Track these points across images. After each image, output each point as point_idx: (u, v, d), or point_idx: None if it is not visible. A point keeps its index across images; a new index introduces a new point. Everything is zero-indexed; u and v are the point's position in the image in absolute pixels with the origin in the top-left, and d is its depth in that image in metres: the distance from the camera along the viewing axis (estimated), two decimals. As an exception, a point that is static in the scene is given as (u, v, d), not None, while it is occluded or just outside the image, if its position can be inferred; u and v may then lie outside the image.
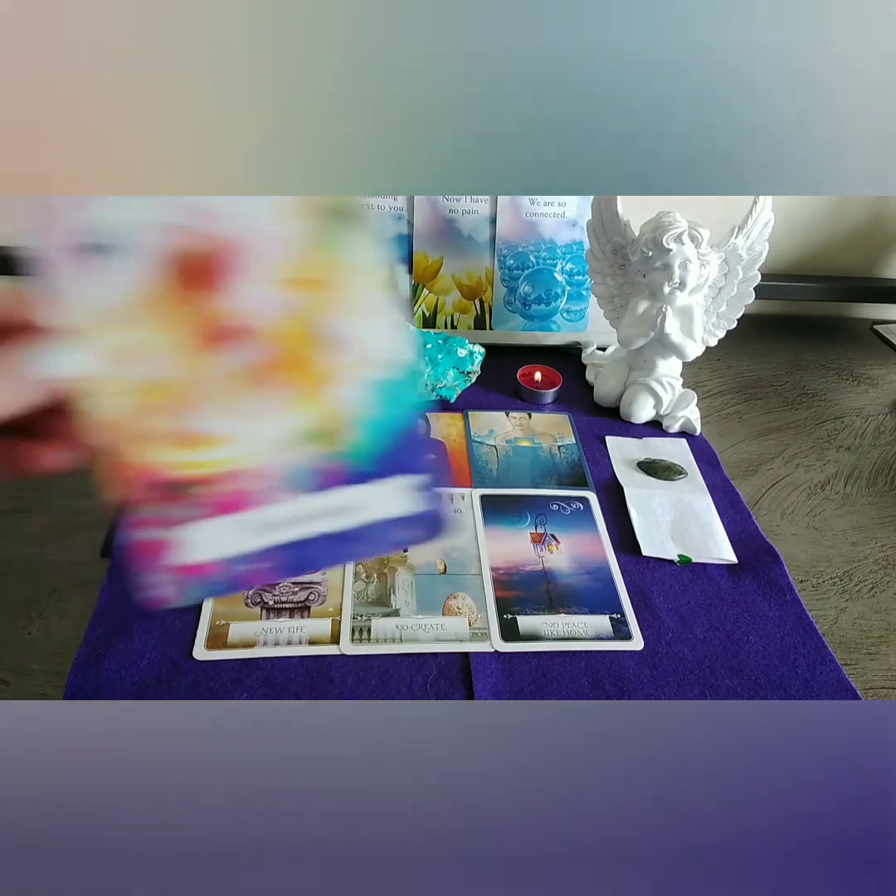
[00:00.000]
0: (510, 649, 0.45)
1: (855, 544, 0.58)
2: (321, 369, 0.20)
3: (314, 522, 0.22)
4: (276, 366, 0.20)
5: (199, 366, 0.19)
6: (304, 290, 0.19)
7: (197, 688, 0.42)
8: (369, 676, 0.43)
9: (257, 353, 0.19)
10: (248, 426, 0.20)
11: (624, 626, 0.48)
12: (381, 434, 0.21)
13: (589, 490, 0.59)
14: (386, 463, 0.22)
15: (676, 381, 0.68)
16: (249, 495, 0.21)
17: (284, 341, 0.20)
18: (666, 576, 0.52)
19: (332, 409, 0.20)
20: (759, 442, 0.70)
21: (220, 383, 0.19)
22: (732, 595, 0.51)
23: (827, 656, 0.47)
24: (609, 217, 0.65)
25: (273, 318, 0.19)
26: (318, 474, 0.21)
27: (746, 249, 0.63)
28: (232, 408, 0.20)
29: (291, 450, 0.21)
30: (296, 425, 0.20)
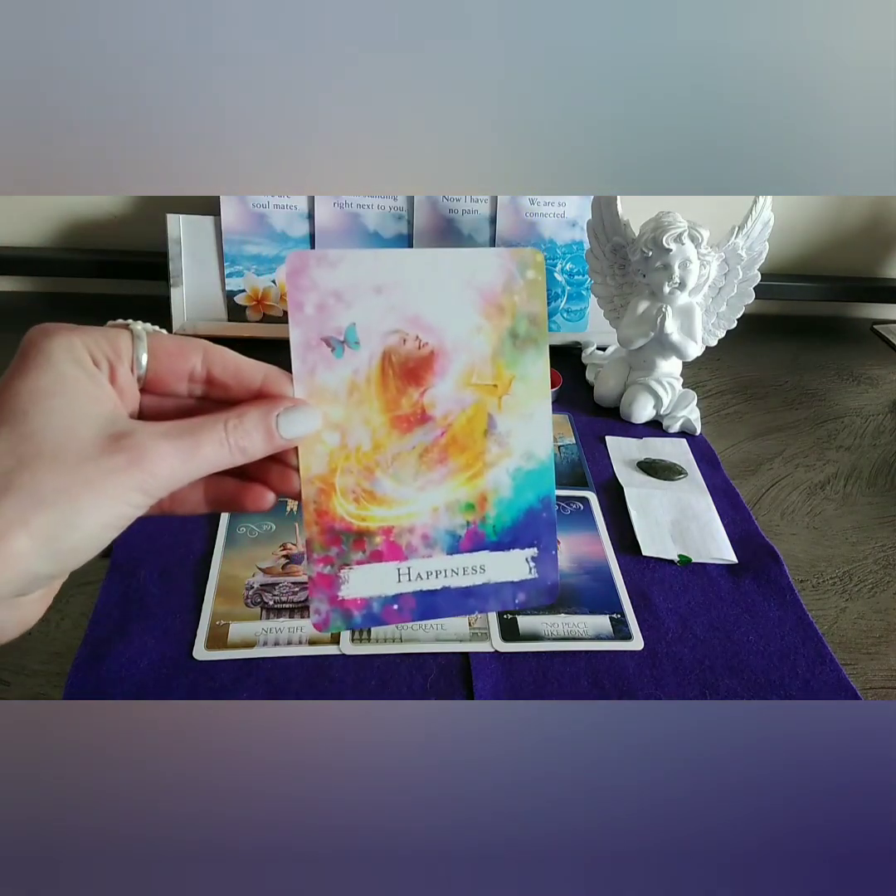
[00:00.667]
0: (510, 649, 0.45)
1: (855, 544, 0.58)
2: (482, 455, 0.25)
3: (448, 578, 0.26)
4: (449, 447, 0.25)
5: (393, 441, 0.24)
6: (483, 392, 0.25)
7: (197, 688, 0.42)
8: (369, 676, 0.43)
9: (437, 436, 0.25)
10: (417, 493, 0.25)
11: (624, 626, 0.48)
12: (514, 513, 0.26)
13: (589, 490, 0.59)
14: (514, 536, 0.26)
15: (676, 381, 0.68)
16: (405, 548, 0.25)
17: (460, 429, 0.25)
18: (666, 576, 0.52)
19: (483, 488, 0.26)
20: (759, 442, 0.70)
21: (406, 457, 0.25)
22: (732, 595, 0.51)
23: (827, 656, 0.47)
24: (609, 217, 0.65)
25: (455, 411, 0.25)
26: (461, 539, 0.26)
27: (746, 249, 0.63)
28: (409, 478, 0.25)
29: (445, 516, 0.26)
30: (453, 497, 0.25)
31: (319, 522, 0.24)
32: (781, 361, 0.84)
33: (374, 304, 0.24)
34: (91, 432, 0.20)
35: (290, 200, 0.72)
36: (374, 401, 0.24)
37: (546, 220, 0.75)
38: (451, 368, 0.24)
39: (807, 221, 0.89)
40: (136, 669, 0.42)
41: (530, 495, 0.26)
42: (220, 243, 0.73)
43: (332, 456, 0.24)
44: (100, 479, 0.19)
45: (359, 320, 0.24)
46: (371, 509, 0.25)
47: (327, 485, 0.24)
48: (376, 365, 0.24)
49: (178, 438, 0.21)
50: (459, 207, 0.74)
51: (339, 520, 0.25)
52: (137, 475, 0.20)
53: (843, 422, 0.74)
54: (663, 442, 0.66)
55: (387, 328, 0.24)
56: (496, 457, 0.26)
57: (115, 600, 0.46)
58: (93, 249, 0.80)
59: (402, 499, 0.25)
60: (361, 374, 0.24)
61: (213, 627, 0.45)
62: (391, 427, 0.24)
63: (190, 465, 0.21)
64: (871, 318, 0.97)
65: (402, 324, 0.24)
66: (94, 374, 0.21)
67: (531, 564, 0.27)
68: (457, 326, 0.24)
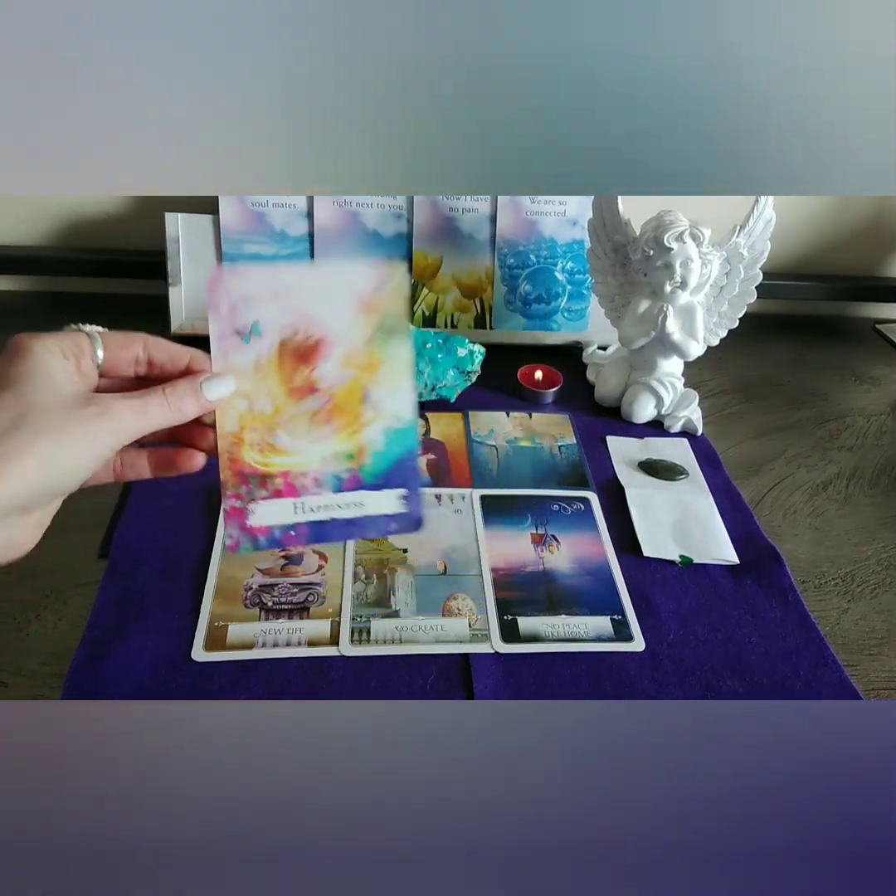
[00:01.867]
0: (510, 650, 0.45)
1: (857, 545, 0.58)
2: (359, 417, 0.33)
3: (335, 511, 0.33)
4: (333, 411, 0.32)
5: (289, 406, 0.32)
6: (359, 370, 0.32)
7: (195, 689, 0.41)
8: (369, 678, 0.43)
9: (324, 403, 0.32)
10: (309, 445, 0.32)
11: (625, 628, 0.47)
12: (386, 461, 0.33)
13: (590, 490, 0.59)
14: (386, 479, 0.33)
15: (678, 380, 0.67)
16: (300, 488, 0.33)
17: (341, 397, 0.32)
18: (667, 577, 0.52)
19: (360, 442, 0.33)
20: (761, 442, 0.69)
21: (299, 418, 0.32)
22: (734, 596, 0.50)
23: (829, 657, 0.47)
24: (610, 216, 0.65)
25: (337, 384, 0.32)
26: (344, 481, 0.33)
27: (748, 248, 0.63)
28: (302, 434, 0.32)
29: (331, 463, 0.33)
30: (337, 449, 0.33)
31: (232, 468, 0.32)
32: (783, 361, 0.84)
33: (273, 306, 0.31)
34: (71, 396, 0.27)
35: (289, 199, 0.72)
36: (274, 376, 0.31)
37: (547, 219, 0.75)
38: (334, 353, 0.32)
39: (809, 220, 0.88)
40: (135, 671, 0.42)
41: (399, 448, 0.33)
42: (218, 242, 0.72)
43: (241, 418, 0.31)
44: (81, 422, 0.26)
45: (261, 317, 0.31)
46: (272, 458, 0.32)
47: (237, 439, 0.31)
48: (275, 350, 0.31)
49: (132, 400, 0.28)
50: (459, 206, 0.74)
51: (247, 466, 0.32)
52: (106, 423, 0.27)
53: (846, 422, 0.74)
54: (664, 442, 0.66)
55: (283, 324, 0.31)
56: (371, 419, 0.33)
57: (114, 601, 0.46)
58: (91, 249, 0.80)
59: (296, 450, 0.32)
60: (263, 356, 0.31)
61: (211, 628, 0.45)
62: (288, 396, 0.32)
63: (142, 418, 0.28)
64: (873, 317, 0.96)
65: (296, 320, 0.31)
66: (65, 364, 0.27)
67: (401, 501, 0.34)
68: (338, 322, 0.31)
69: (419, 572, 0.50)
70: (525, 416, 0.68)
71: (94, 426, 0.26)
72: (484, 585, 0.49)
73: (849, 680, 0.45)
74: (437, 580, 0.50)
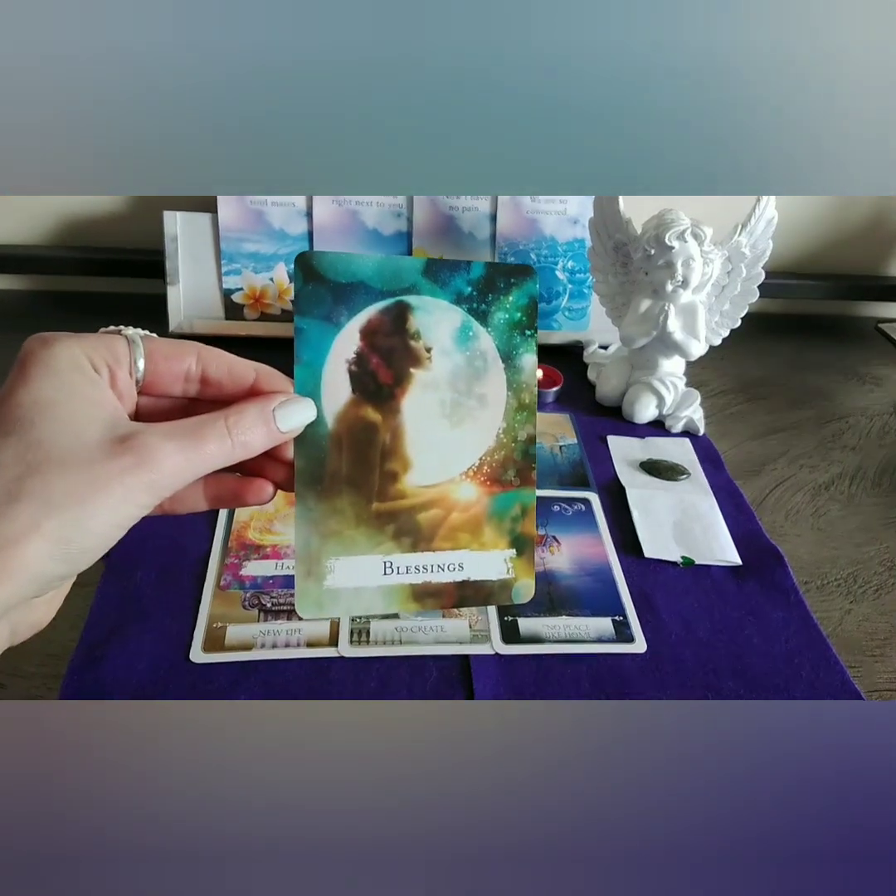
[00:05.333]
0: (511, 651, 0.45)
1: (860, 545, 0.57)
2: None
3: None
4: None
5: (286, 508, 0.39)
6: None
7: (194, 690, 0.41)
8: (368, 679, 0.43)
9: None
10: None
11: (626, 629, 0.47)
12: None
13: (590, 491, 0.59)
14: None
15: (679, 380, 0.67)
16: (282, 554, 0.46)
17: None
18: (669, 577, 0.51)
19: None
20: (763, 442, 0.69)
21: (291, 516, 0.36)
22: (736, 597, 0.50)
23: (831, 658, 0.46)
24: (611, 214, 0.65)
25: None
26: None
27: (750, 247, 0.63)
28: (291, 523, 0.37)
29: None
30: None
31: (238, 539, 0.39)
32: (785, 360, 0.84)
33: None
34: (96, 436, 0.20)
35: (288, 198, 0.72)
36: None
37: (547, 218, 0.75)
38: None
39: (811, 219, 0.88)
40: (133, 672, 0.42)
41: None
42: (217, 241, 0.72)
43: (251, 514, 0.35)
44: (108, 481, 0.20)
45: None
46: (267, 536, 0.44)
47: (246, 524, 0.36)
48: None
49: (182, 437, 0.21)
50: (459, 205, 0.74)
51: (248, 539, 0.40)
52: (144, 475, 0.20)
53: (848, 422, 0.73)
54: (666, 442, 0.66)
55: None
56: None
57: (112, 602, 0.46)
58: (89, 247, 0.80)
59: (284, 532, 0.47)
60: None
61: (210, 630, 0.45)
62: (286, 503, 0.40)
63: (195, 462, 0.21)
64: (875, 316, 0.96)
65: None
66: (95, 380, 0.22)
67: None
68: None
69: (419, 573, 0.50)
70: (526, 415, 0.67)
71: (127, 484, 0.20)
72: (484, 586, 0.49)
73: (851, 681, 0.45)
74: (437, 581, 0.49)
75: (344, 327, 0.25)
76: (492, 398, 0.26)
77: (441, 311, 0.26)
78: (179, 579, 0.48)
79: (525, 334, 0.27)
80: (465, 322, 0.26)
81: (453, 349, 0.26)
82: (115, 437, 0.21)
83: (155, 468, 0.21)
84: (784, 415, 0.73)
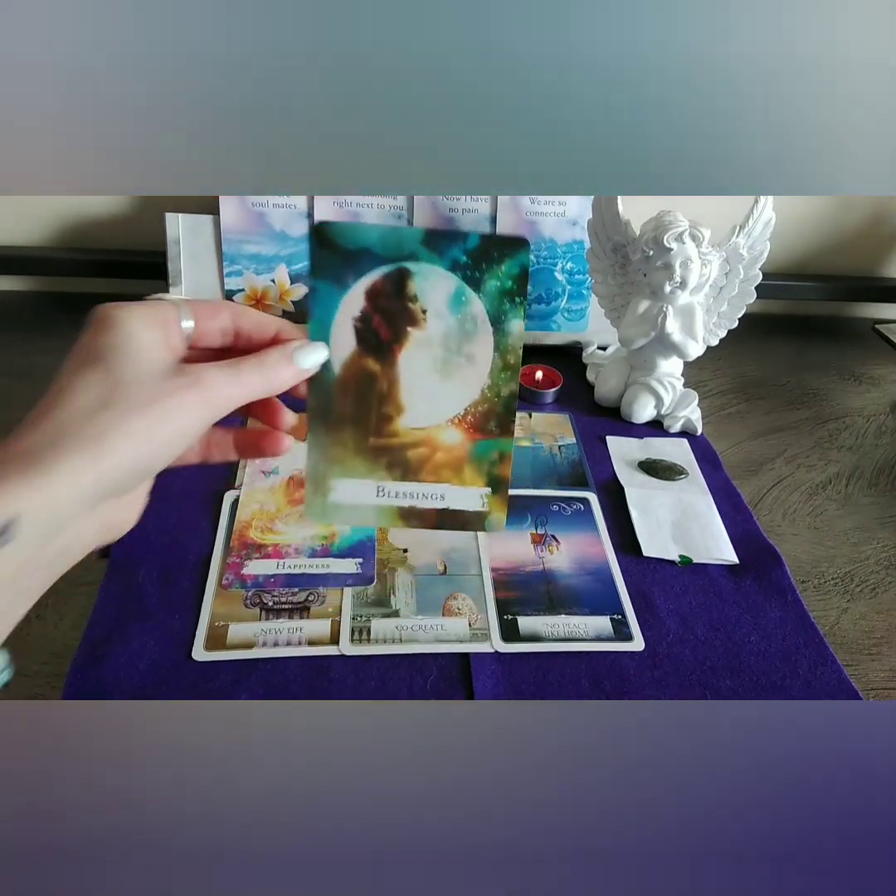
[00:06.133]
0: (510, 650, 0.45)
1: (856, 545, 0.58)
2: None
3: (305, 568, 0.49)
4: None
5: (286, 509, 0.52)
6: None
7: (196, 689, 0.42)
8: (369, 677, 0.43)
9: None
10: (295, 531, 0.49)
11: (625, 627, 0.47)
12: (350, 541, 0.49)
13: (589, 490, 0.59)
14: (349, 551, 0.50)
15: (677, 380, 0.67)
16: (283, 553, 0.50)
17: None
18: (667, 576, 0.52)
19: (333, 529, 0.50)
20: (761, 442, 0.69)
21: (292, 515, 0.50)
22: (734, 596, 0.51)
23: (828, 657, 0.47)
24: (610, 216, 0.65)
25: None
26: (317, 551, 0.50)
27: (748, 248, 0.63)
28: (292, 524, 0.52)
29: (309, 541, 0.49)
30: (315, 533, 0.48)
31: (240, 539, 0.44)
32: (783, 361, 0.84)
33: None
34: (161, 368, 0.25)
35: (289, 199, 0.72)
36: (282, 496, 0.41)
37: (546, 220, 0.75)
38: None
39: (808, 221, 0.88)
40: (135, 670, 0.42)
41: (361, 534, 0.51)
42: (218, 242, 0.72)
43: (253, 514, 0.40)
44: (173, 394, 0.25)
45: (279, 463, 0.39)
46: (268, 536, 0.50)
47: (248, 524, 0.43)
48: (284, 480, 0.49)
49: (226, 368, 0.26)
50: (459, 206, 0.74)
51: (250, 539, 0.48)
52: (200, 393, 0.25)
53: (845, 422, 0.74)
54: (664, 442, 0.66)
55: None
56: None
57: (114, 601, 0.46)
58: (91, 249, 0.80)
59: (286, 531, 0.51)
60: (276, 483, 0.41)
61: (212, 628, 0.45)
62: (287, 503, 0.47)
63: (236, 388, 0.26)
64: (872, 317, 0.96)
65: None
66: (153, 334, 0.26)
67: (358, 566, 0.50)
68: None
69: (419, 572, 0.50)
70: (525, 416, 0.68)
71: (188, 398, 0.25)
72: (484, 585, 0.49)
73: (848, 680, 0.45)
74: (438, 580, 0.50)
75: (351, 288, 0.28)
76: (479, 357, 0.29)
77: (438, 277, 0.28)
78: (182, 578, 0.48)
79: (515, 301, 0.29)
80: (458, 288, 0.28)
81: (447, 312, 0.29)
82: (175, 369, 0.26)
83: (208, 387, 0.25)
84: (781, 415, 0.74)
